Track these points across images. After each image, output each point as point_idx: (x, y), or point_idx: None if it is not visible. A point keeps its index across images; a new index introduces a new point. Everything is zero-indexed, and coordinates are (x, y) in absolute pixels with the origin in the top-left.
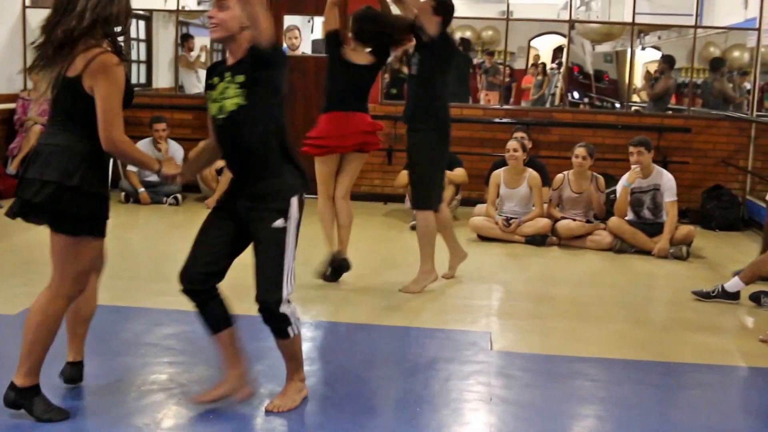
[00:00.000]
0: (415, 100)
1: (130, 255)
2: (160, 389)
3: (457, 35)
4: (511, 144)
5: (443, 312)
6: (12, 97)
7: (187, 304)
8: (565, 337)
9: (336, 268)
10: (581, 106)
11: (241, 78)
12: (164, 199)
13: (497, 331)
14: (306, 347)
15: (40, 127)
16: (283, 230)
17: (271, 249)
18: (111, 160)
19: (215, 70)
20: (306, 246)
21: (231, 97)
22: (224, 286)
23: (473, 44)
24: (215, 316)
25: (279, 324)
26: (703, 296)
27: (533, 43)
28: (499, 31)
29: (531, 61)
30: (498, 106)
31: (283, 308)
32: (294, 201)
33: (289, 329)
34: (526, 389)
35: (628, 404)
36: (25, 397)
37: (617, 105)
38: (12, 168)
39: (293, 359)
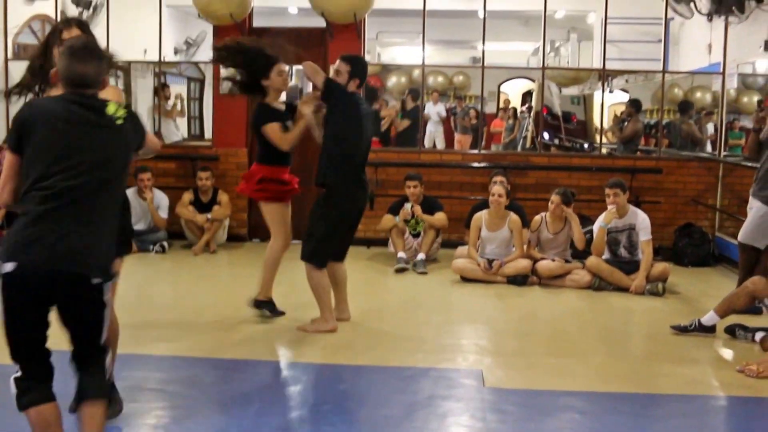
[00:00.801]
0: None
1: (116, 303)
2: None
3: (429, 80)
4: (497, 189)
5: (435, 352)
6: None
7: (180, 350)
8: (551, 372)
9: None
10: (552, 148)
11: None
12: (151, 247)
13: (488, 368)
14: (306, 389)
15: None
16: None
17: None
18: None
19: None
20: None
21: None
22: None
23: (447, 89)
24: None
25: None
26: (681, 330)
27: (503, 87)
28: (469, 76)
29: (501, 105)
30: (476, 151)
31: None
32: None
33: None
34: (520, 423)
35: None
36: None
37: (585, 146)
38: None
39: None
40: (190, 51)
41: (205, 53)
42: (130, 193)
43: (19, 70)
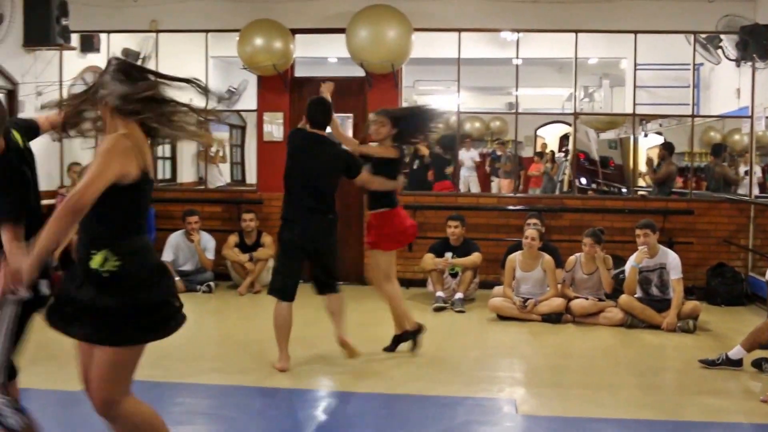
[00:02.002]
0: None
1: (167, 340)
2: None
3: (467, 125)
4: (530, 233)
5: (471, 383)
6: (52, 194)
7: (230, 380)
8: (582, 402)
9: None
10: (589, 192)
11: None
12: (198, 287)
13: (521, 398)
14: (348, 416)
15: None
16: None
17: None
18: None
19: None
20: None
21: None
22: None
23: (484, 134)
24: None
25: None
26: (709, 364)
27: (540, 131)
28: (506, 121)
29: (538, 149)
30: (512, 195)
31: None
32: None
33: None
34: None
35: None
36: None
37: (624, 190)
38: (54, 260)
39: None
40: (232, 99)
41: (246, 101)
42: (178, 235)
43: None
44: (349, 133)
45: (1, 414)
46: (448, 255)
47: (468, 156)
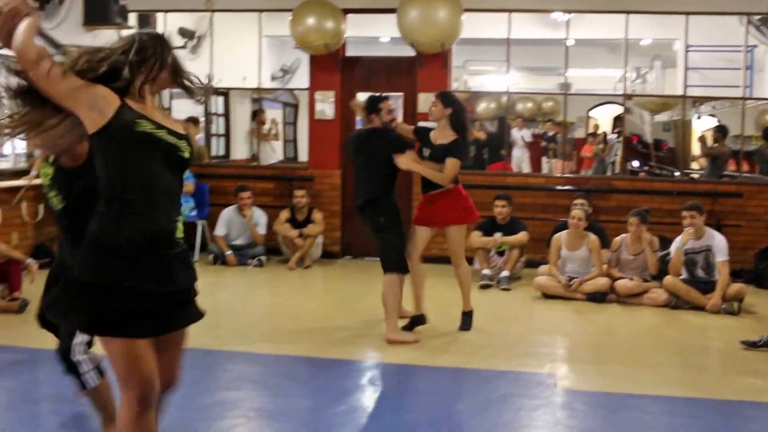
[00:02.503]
0: None
1: (219, 311)
2: (258, 415)
3: (519, 106)
4: (576, 213)
5: (512, 358)
6: None
7: (279, 350)
8: (622, 378)
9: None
10: (641, 175)
11: None
12: (249, 261)
13: (561, 373)
14: (390, 385)
15: None
16: None
17: None
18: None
19: None
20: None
21: None
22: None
23: (536, 115)
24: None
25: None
26: (751, 345)
27: (592, 112)
28: (559, 102)
29: (590, 130)
30: (559, 175)
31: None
32: None
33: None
34: (587, 419)
35: None
36: None
37: (676, 173)
38: None
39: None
40: (285, 78)
41: (299, 80)
42: (231, 210)
43: None
44: (399, 112)
45: (81, 367)
46: (497, 234)
47: (520, 136)
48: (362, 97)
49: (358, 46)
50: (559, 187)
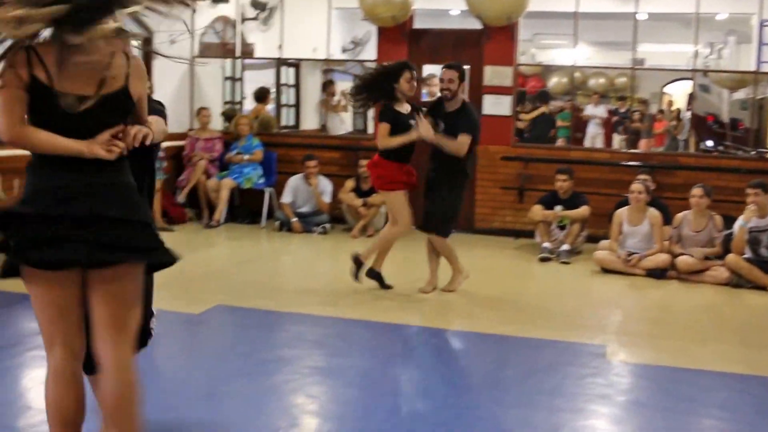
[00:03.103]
0: None
1: (283, 275)
2: (311, 372)
3: (591, 81)
4: (636, 186)
5: (565, 329)
6: (182, 136)
7: (338, 313)
8: (674, 353)
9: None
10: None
11: None
12: (314, 228)
13: (612, 345)
14: (442, 350)
15: (205, 162)
16: None
17: None
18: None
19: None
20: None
21: None
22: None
23: (608, 90)
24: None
25: None
26: None
27: (667, 88)
28: (632, 77)
29: (664, 107)
30: (624, 150)
31: None
32: None
33: None
34: (632, 390)
35: (724, 408)
36: None
37: (752, 153)
38: (181, 197)
39: None
40: (356, 50)
41: (370, 52)
42: (298, 178)
43: (203, 67)
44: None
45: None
46: (557, 207)
47: (595, 112)
48: (428, 69)
49: (427, 18)
50: (624, 163)
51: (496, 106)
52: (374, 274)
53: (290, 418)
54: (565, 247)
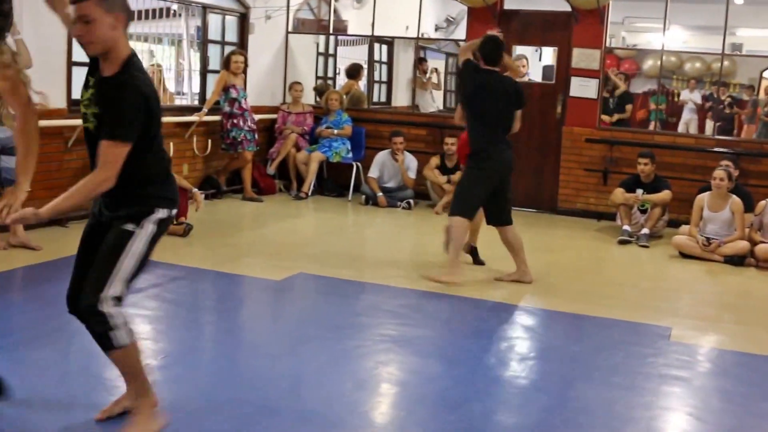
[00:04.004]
0: None
1: (366, 246)
2: (382, 340)
3: (687, 66)
4: (718, 173)
5: (633, 309)
6: (274, 109)
7: (414, 285)
8: (741, 338)
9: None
10: None
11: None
12: (398, 203)
13: (678, 327)
14: (513, 326)
15: (296, 136)
16: (130, 234)
17: (111, 248)
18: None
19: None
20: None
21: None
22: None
23: (704, 75)
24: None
25: (97, 326)
26: None
27: (767, 74)
28: (731, 62)
29: (762, 93)
30: (710, 136)
31: (103, 306)
32: (155, 212)
33: (111, 334)
34: (691, 370)
35: None
36: None
37: None
38: (271, 169)
39: (131, 377)
40: (449, 28)
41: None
42: (385, 154)
43: (297, 42)
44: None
45: (113, 320)
46: (638, 191)
47: (690, 97)
48: (517, 50)
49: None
50: (709, 149)
51: (582, 88)
52: (469, 249)
53: (357, 381)
54: (645, 230)
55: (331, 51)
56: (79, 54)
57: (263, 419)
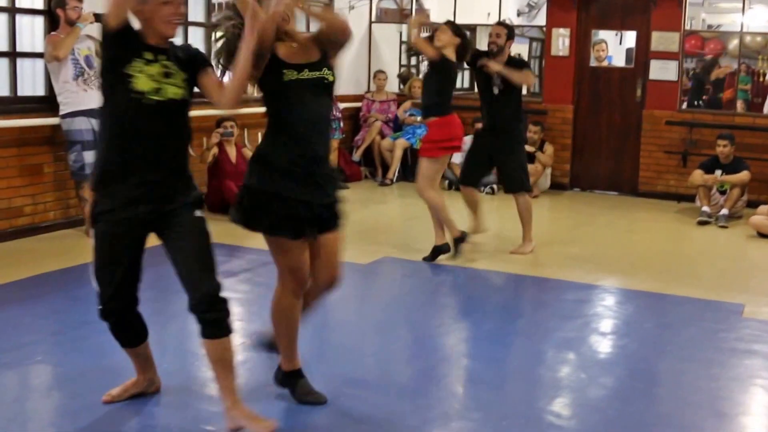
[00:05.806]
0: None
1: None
2: (470, 320)
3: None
4: None
5: (707, 288)
6: (359, 98)
7: (500, 267)
8: None
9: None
10: None
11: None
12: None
13: (751, 304)
14: (586, 304)
15: (380, 123)
16: (204, 220)
17: (202, 236)
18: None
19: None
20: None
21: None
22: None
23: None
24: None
25: (220, 312)
26: None
27: None
28: None
29: None
30: None
31: (222, 293)
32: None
33: (229, 320)
34: (762, 344)
35: None
36: (287, 381)
37: None
38: (356, 156)
39: (228, 369)
40: (531, 13)
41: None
42: (468, 139)
43: (380, 31)
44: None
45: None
46: (717, 172)
47: None
48: (597, 35)
49: None
50: None
51: (662, 71)
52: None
53: (441, 356)
54: (724, 211)
55: None
56: None
57: (354, 390)
